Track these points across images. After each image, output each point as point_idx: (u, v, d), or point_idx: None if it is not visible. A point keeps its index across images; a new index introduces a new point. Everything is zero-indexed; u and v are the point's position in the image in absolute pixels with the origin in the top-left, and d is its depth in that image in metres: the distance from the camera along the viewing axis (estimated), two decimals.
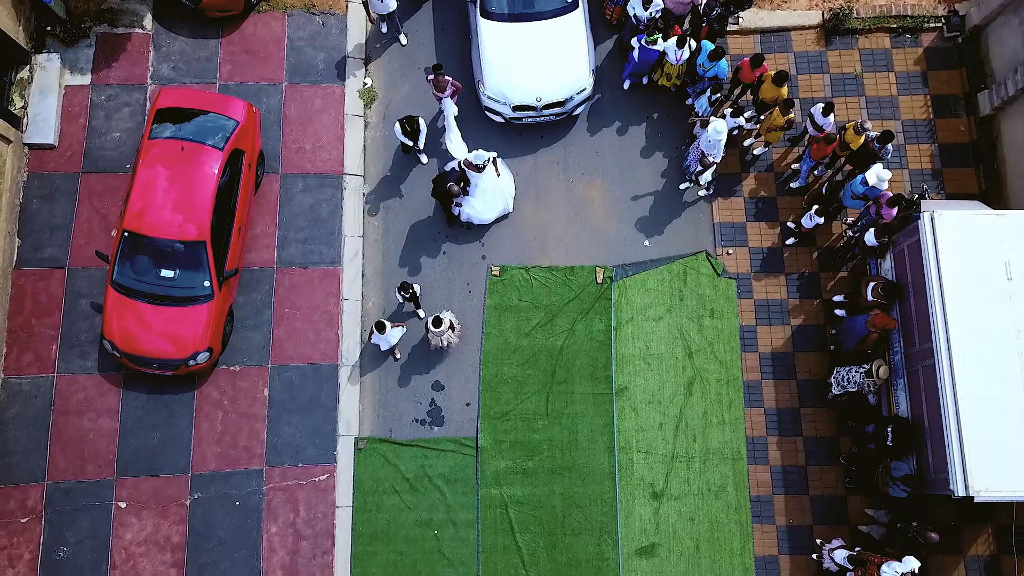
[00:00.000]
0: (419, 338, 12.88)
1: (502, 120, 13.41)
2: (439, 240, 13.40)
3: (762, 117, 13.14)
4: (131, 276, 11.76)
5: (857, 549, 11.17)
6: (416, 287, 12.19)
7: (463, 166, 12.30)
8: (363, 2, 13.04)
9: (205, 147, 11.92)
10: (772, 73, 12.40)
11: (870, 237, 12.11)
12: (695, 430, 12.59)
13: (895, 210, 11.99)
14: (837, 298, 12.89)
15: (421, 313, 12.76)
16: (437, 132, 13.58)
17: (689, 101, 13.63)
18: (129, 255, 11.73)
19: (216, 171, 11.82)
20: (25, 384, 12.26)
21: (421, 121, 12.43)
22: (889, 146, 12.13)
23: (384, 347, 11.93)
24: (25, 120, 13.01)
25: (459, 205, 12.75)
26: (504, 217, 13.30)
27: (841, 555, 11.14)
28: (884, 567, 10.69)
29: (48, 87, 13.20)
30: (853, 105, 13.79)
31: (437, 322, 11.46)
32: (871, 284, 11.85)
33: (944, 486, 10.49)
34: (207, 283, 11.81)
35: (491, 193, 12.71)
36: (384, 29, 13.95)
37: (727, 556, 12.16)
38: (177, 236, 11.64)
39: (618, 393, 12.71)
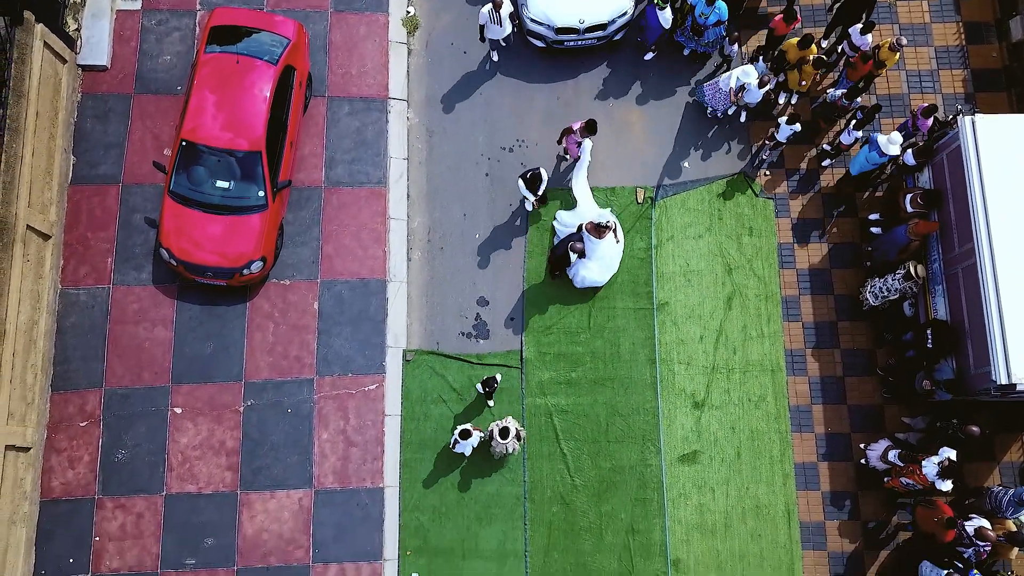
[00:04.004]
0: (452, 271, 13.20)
1: (544, 45, 13.70)
2: (481, 163, 13.69)
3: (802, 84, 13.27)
4: (188, 186, 12.06)
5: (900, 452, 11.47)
6: (498, 376, 12.14)
7: (585, 230, 12.14)
8: (479, 29, 13.11)
9: (259, 61, 12.20)
10: (796, 40, 12.63)
11: (909, 157, 12.43)
12: (735, 343, 12.89)
13: (930, 120, 12.32)
14: (872, 216, 13.18)
15: (490, 403, 12.56)
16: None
17: (686, 51, 13.87)
18: (186, 165, 12.02)
19: (270, 84, 12.11)
20: (82, 295, 12.56)
21: (543, 172, 12.26)
22: (859, 99, 12.52)
23: (468, 452, 11.73)
24: (79, 42, 13.30)
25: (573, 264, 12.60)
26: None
27: (893, 454, 11.39)
28: (924, 462, 11.01)
29: (100, 11, 13.47)
30: (887, 32, 14.07)
31: (504, 433, 11.32)
32: (909, 195, 12.15)
33: (985, 380, 10.79)
34: (261, 193, 12.11)
35: (608, 258, 12.58)
36: (496, 57, 13.92)
37: (767, 463, 12.46)
38: (233, 146, 11.93)
39: (659, 308, 13.01)
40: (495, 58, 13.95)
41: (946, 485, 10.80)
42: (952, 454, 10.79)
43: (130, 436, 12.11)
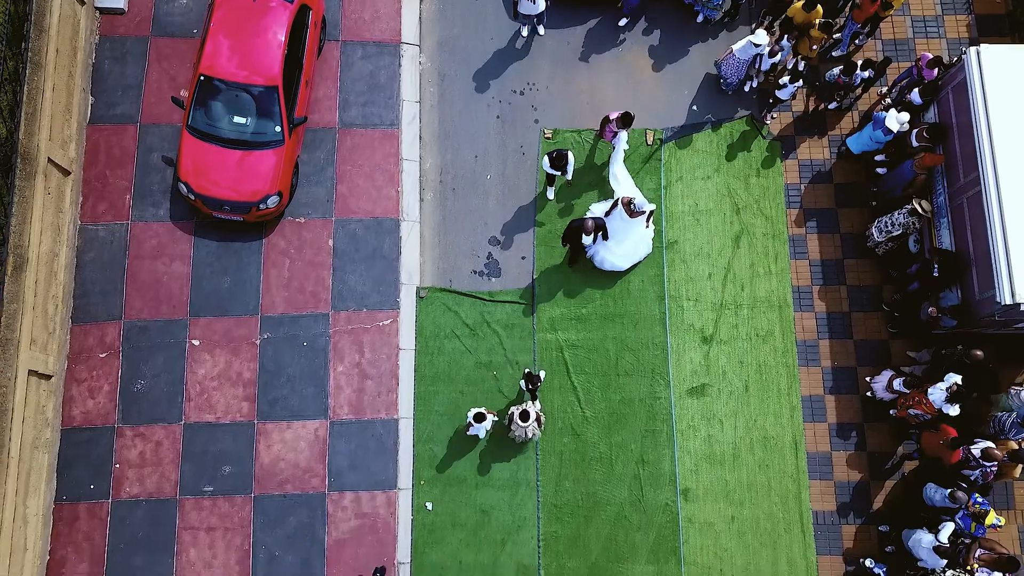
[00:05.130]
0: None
1: None
2: (492, 106, 13.89)
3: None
4: (206, 121, 12.26)
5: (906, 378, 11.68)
6: (542, 374, 12.20)
7: (621, 204, 12.01)
8: (513, 4, 13.26)
9: (275, 0, 12.38)
10: (800, 4, 12.75)
11: (915, 97, 12.63)
12: (743, 280, 13.10)
13: (935, 71, 12.52)
14: (878, 157, 13.34)
15: (537, 405, 12.07)
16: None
17: (699, 19, 14.07)
18: (204, 100, 12.22)
19: (286, 22, 12.30)
20: (101, 230, 12.78)
21: (570, 155, 12.35)
22: (863, 72, 12.60)
23: (481, 434, 12.02)
24: None
25: (591, 246, 12.54)
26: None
27: (898, 382, 11.60)
28: (931, 390, 11.22)
29: None
30: None
31: (524, 416, 11.37)
32: (915, 130, 12.35)
33: (990, 304, 11.00)
34: (278, 129, 12.31)
35: (633, 242, 12.56)
36: (525, 32, 13.95)
37: (775, 395, 12.67)
38: (251, 82, 12.12)
39: (668, 246, 13.22)
40: (524, 33, 13.99)
41: (954, 410, 10.99)
42: (958, 379, 10.99)
43: (149, 367, 12.33)
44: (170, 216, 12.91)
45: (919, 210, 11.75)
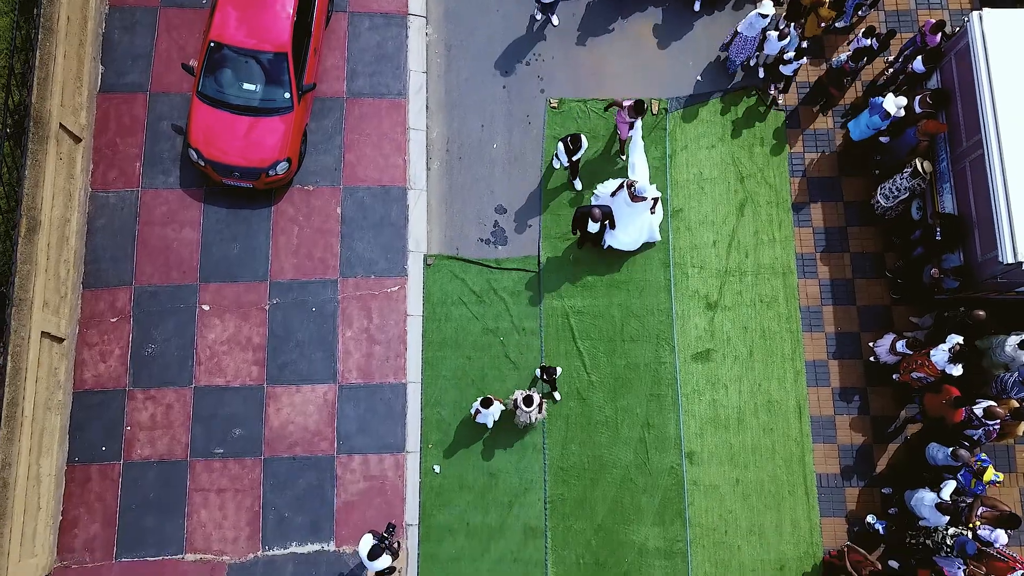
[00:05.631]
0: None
1: None
2: (498, 76, 14.00)
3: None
4: (216, 87, 12.37)
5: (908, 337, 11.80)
6: (558, 370, 12.22)
7: (626, 187, 12.10)
8: None
9: None
10: None
11: (918, 65, 12.73)
12: (747, 247, 13.22)
13: (938, 36, 12.63)
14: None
15: (556, 396, 12.51)
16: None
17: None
18: (215, 67, 12.33)
19: None
20: (112, 197, 12.90)
21: (583, 139, 12.30)
22: (866, 40, 12.58)
23: (489, 423, 12.04)
24: None
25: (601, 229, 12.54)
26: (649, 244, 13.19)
27: (901, 344, 11.72)
28: (933, 351, 11.33)
29: None
30: None
31: (528, 401, 11.37)
32: (918, 96, 12.46)
33: (992, 265, 11.11)
34: (287, 95, 12.42)
35: (638, 226, 12.67)
36: (539, 16, 14.01)
37: (779, 360, 12.79)
38: (260, 48, 12.24)
39: (673, 214, 13.33)
40: (538, 17, 14.03)
41: (957, 370, 11.10)
42: (960, 339, 11.11)
43: (159, 331, 12.46)
44: (180, 183, 13.03)
45: (920, 170, 11.85)
